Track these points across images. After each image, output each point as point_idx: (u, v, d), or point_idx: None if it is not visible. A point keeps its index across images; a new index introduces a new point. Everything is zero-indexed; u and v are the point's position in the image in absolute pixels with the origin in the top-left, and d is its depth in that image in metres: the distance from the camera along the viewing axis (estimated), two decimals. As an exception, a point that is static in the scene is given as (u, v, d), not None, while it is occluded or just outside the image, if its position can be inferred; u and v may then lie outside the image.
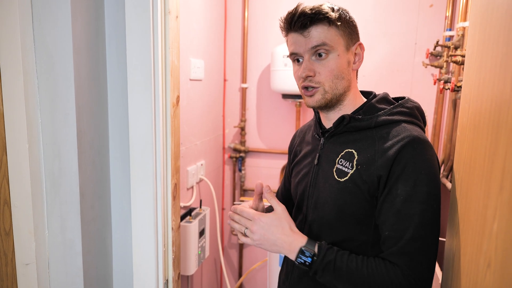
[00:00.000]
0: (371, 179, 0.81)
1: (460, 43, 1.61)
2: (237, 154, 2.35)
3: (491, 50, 0.58)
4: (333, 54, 0.84)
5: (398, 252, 0.78)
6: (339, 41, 0.84)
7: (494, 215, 0.50)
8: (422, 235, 0.77)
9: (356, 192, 0.83)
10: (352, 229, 0.86)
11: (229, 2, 2.24)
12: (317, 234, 0.91)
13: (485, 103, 0.59)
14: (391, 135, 0.82)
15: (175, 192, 1.18)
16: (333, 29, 0.83)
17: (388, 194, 0.80)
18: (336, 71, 0.84)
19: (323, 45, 0.83)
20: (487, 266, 0.51)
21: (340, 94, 0.87)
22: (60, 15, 0.94)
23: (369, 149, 0.84)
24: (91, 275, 1.08)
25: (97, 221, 1.09)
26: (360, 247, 0.86)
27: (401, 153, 0.78)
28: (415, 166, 0.78)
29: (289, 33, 0.87)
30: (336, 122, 0.88)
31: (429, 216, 0.77)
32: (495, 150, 0.52)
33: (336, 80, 0.85)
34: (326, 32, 0.83)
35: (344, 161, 0.86)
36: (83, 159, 1.01)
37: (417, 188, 0.77)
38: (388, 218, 0.79)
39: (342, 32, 0.84)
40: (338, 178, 0.86)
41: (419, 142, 0.79)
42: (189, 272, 1.77)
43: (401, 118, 0.85)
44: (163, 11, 1.06)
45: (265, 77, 2.26)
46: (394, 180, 0.79)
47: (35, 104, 0.97)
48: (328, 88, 0.85)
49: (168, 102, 1.11)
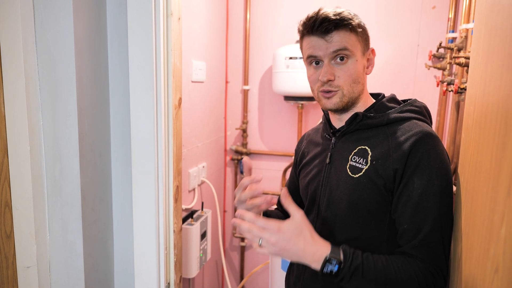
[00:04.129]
0: (387, 173, 0.83)
1: (463, 45, 1.60)
2: (239, 156, 2.34)
3: (497, 51, 0.57)
4: (352, 59, 0.86)
5: (419, 245, 0.79)
6: (358, 47, 0.87)
7: (501, 219, 0.49)
8: (440, 227, 0.79)
9: (371, 188, 0.84)
10: (366, 225, 0.87)
11: (231, 4, 2.24)
12: (329, 233, 0.91)
13: (491, 104, 0.58)
14: (404, 130, 0.85)
15: (177, 194, 1.18)
16: (353, 35, 0.86)
17: (405, 188, 0.81)
18: (354, 75, 0.87)
19: (344, 50, 0.85)
20: (495, 271, 0.51)
21: (356, 98, 0.90)
22: (62, 16, 0.94)
23: (382, 144, 0.86)
24: (93, 278, 1.07)
25: (98, 224, 1.08)
26: (374, 243, 0.86)
27: (415, 147, 0.81)
28: (429, 160, 0.80)
29: (307, 36, 0.88)
30: (349, 119, 0.90)
31: (444, 208, 0.80)
32: (502, 153, 0.51)
33: (353, 84, 0.88)
34: (348, 37, 0.85)
35: (358, 157, 0.88)
36: (85, 161, 1.01)
37: (432, 181, 0.79)
38: (406, 211, 0.81)
39: (360, 38, 0.87)
40: (352, 174, 0.87)
41: (431, 136, 0.82)
42: (190, 275, 1.76)
43: (411, 115, 0.88)
44: (165, 13, 1.06)
45: (267, 79, 2.25)
46: (410, 173, 0.81)
47: (37, 106, 0.97)
48: (346, 92, 0.88)
49: (170, 104, 1.11)
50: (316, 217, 0.95)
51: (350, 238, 0.88)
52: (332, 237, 0.89)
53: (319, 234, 0.89)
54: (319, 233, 0.89)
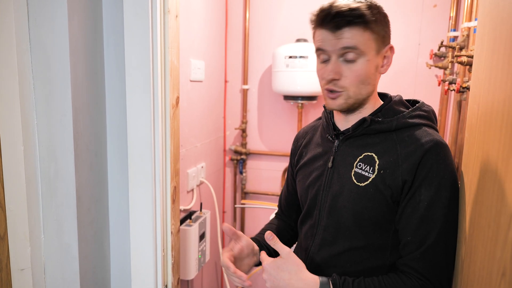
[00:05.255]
0: (395, 184, 0.79)
1: (465, 44, 1.58)
2: (238, 156, 2.32)
3: (503, 48, 0.55)
4: (362, 58, 0.79)
5: (421, 257, 0.77)
6: (371, 45, 0.80)
7: (509, 222, 0.47)
8: (444, 239, 0.77)
9: (378, 198, 0.81)
10: (370, 234, 0.84)
11: (230, 2, 2.22)
12: (332, 240, 0.88)
13: (497, 102, 0.56)
14: (414, 139, 0.81)
15: (175, 195, 1.16)
16: (367, 33, 0.78)
17: (411, 199, 0.79)
18: (363, 76, 0.81)
19: (354, 49, 0.78)
20: (502, 275, 0.49)
21: (364, 99, 0.85)
22: (56, 14, 0.92)
23: (390, 152, 0.82)
24: (88, 280, 1.05)
25: (94, 225, 1.06)
26: (377, 251, 0.84)
27: (425, 157, 0.78)
28: (439, 170, 0.77)
29: (318, 28, 0.82)
30: (356, 124, 0.85)
31: (451, 220, 0.78)
32: (509, 151, 0.49)
33: (361, 86, 0.82)
34: (360, 36, 0.78)
35: (364, 165, 0.84)
36: (80, 162, 0.99)
37: (440, 193, 0.77)
38: (411, 223, 0.79)
39: (376, 36, 0.80)
40: (357, 182, 0.84)
41: (442, 146, 0.79)
42: (189, 277, 1.74)
43: (421, 122, 0.84)
44: (162, 10, 1.04)
45: (266, 79, 2.24)
46: (418, 184, 0.78)
47: (31, 105, 0.95)
48: (352, 93, 0.82)
49: (167, 103, 1.09)
50: (318, 223, 0.91)
51: (353, 247, 0.85)
52: (334, 245, 0.87)
53: (320, 240, 0.88)
54: (320, 240, 0.89)
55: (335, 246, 0.87)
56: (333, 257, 0.87)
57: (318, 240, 0.90)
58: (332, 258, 0.87)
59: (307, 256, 0.92)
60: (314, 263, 0.90)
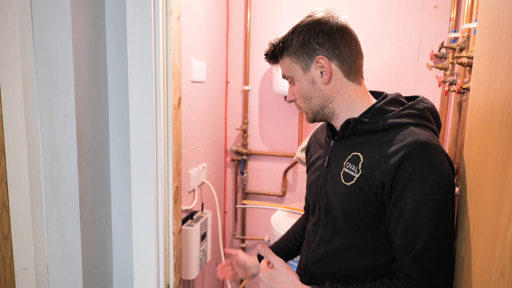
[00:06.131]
0: (375, 184, 0.79)
1: (465, 45, 1.59)
2: (239, 157, 2.33)
3: (503, 49, 0.56)
4: (295, 80, 0.90)
5: (411, 263, 0.76)
6: (295, 68, 0.89)
7: (508, 221, 0.48)
8: (435, 243, 0.75)
9: (363, 197, 0.81)
10: (363, 233, 0.84)
11: (231, 3, 2.23)
12: (330, 237, 0.90)
13: (497, 103, 0.57)
14: (397, 140, 0.78)
15: (177, 195, 1.16)
16: (286, 60, 0.90)
17: (397, 203, 0.77)
18: (302, 94, 0.89)
19: (285, 77, 0.92)
20: (501, 274, 0.49)
21: (318, 111, 0.90)
22: (60, 16, 0.93)
23: (374, 153, 0.81)
24: (91, 280, 1.06)
25: (96, 225, 1.07)
26: (371, 251, 0.84)
27: (407, 159, 0.75)
28: (423, 173, 0.74)
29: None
30: (343, 125, 0.86)
31: (441, 223, 0.75)
32: (509, 152, 0.49)
33: (307, 101, 0.90)
34: (285, 63, 0.90)
35: (351, 164, 0.84)
36: (83, 162, 1.00)
37: (426, 196, 0.74)
38: (399, 228, 0.77)
39: (295, 59, 0.88)
40: (345, 182, 0.85)
41: (426, 147, 0.75)
42: (190, 277, 1.74)
43: (409, 121, 0.81)
44: (165, 12, 1.05)
45: (267, 79, 2.24)
46: (401, 187, 0.76)
47: (34, 106, 0.96)
48: (305, 109, 0.91)
49: (169, 104, 1.09)
50: (319, 221, 0.94)
51: (348, 245, 0.86)
52: (331, 242, 0.89)
53: (320, 238, 0.90)
54: (320, 237, 0.91)
55: (331, 244, 0.88)
56: (329, 254, 0.89)
57: (318, 237, 0.93)
58: (329, 255, 0.89)
59: (308, 252, 0.94)
60: (313, 260, 0.92)
